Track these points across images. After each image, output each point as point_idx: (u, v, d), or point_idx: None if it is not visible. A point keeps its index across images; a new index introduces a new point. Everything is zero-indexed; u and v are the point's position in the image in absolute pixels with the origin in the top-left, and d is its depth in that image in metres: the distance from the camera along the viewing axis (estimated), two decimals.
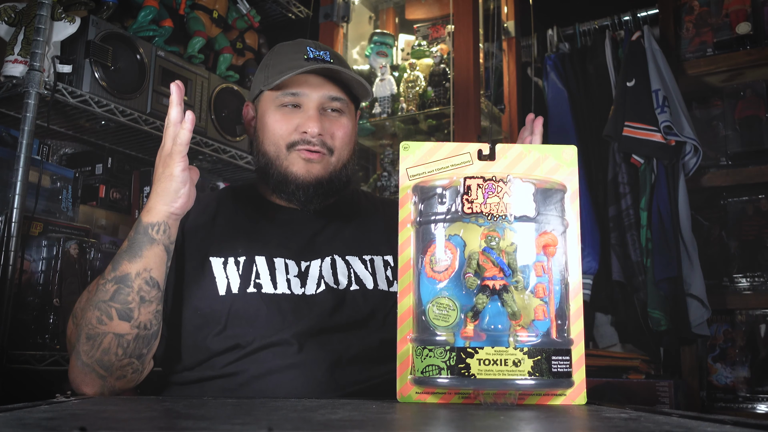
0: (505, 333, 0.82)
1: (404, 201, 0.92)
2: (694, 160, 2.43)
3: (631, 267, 2.44)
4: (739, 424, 0.61)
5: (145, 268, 1.06)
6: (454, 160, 0.93)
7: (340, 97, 1.29)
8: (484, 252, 0.84)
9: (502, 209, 0.84)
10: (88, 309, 1.07)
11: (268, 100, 1.30)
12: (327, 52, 1.29)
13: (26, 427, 0.54)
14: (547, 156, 0.93)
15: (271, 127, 1.28)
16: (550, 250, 0.85)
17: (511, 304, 0.82)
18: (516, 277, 0.83)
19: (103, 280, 1.07)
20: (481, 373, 0.81)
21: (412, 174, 0.93)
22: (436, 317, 0.84)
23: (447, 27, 2.79)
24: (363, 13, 2.99)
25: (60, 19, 1.73)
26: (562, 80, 2.78)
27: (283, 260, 1.25)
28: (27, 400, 0.75)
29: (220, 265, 1.22)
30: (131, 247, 1.07)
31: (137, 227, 1.08)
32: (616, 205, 2.52)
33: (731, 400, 2.47)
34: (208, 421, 0.60)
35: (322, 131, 1.25)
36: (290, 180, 1.26)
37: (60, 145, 2.17)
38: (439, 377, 0.83)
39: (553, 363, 0.83)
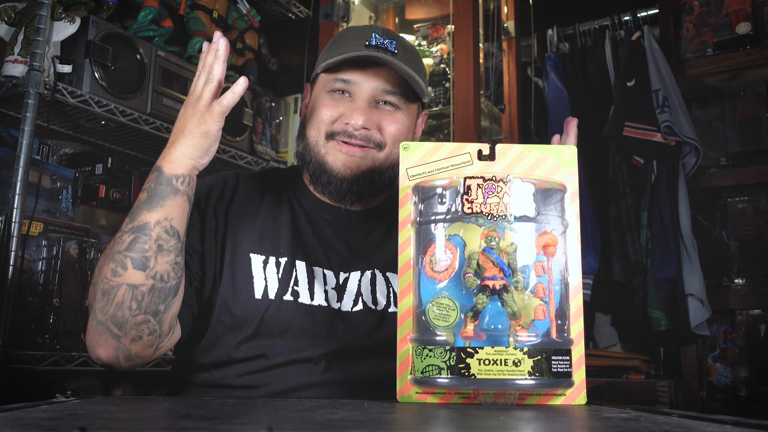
0: (505, 333, 0.82)
1: (404, 201, 0.92)
2: (693, 160, 2.43)
3: (631, 267, 2.44)
4: (739, 424, 0.61)
5: (166, 216, 1.00)
6: (454, 160, 0.93)
7: (396, 91, 1.21)
8: (484, 252, 0.84)
9: (502, 209, 0.84)
10: (104, 264, 1.00)
11: (321, 84, 1.23)
12: (394, 41, 1.20)
13: (26, 427, 0.54)
14: (547, 156, 0.93)
15: (317, 111, 1.21)
16: (550, 250, 0.85)
17: (511, 304, 0.82)
18: (516, 277, 0.83)
19: (120, 233, 1.01)
20: (481, 373, 0.81)
21: (412, 174, 0.93)
22: (436, 317, 0.84)
23: (447, 27, 2.79)
24: (363, 13, 2.99)
25: (60, 19, 1.73)
26: (562, 80, 2.78)
27: (322, 270, 1.19)
28: (27, 400, 0.75)
29: (260, 264, 1.16)
30: (151, 197, 1.01)
31: (158, 178, 1.02)
32: (616, 205, 2.52)
33: (731, 400, 2.47)
34: (208, 421, 0.60)
35: (368, 124, 1.18)
36: (325, 170, 1.19)
37: (60, 145, 2.17)
38: (439, 377, 0.83)
39: (553, 363, 0.83)
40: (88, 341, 1.01)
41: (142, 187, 1.04)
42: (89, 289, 1.07)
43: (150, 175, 1.04)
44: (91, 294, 1.03)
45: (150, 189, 1.02)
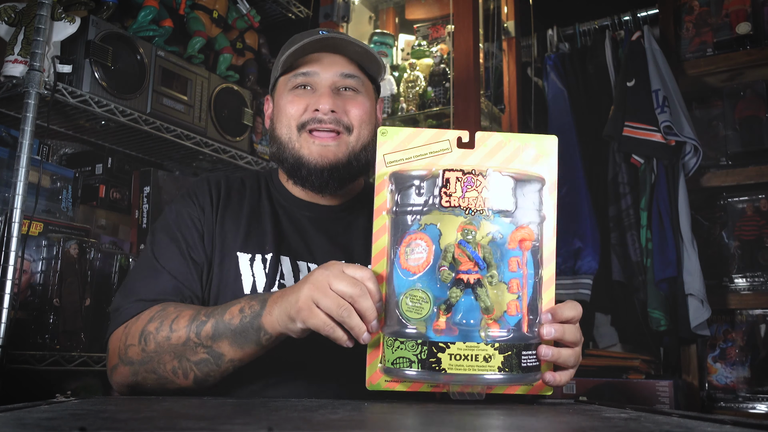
0: (476, 327, 0.81)
1: (380, 188, 0.90)
2: (694, 160, 2.42)
3: (631, 267, 2.44)
4: (739, 424, 0.61)
5: (241, 359, 1.02)
6: (432, 147, 0.91)
7: (354, 74, 1.24)
8: (459, 245, 0.83)
9: (480, 204, 0.83)
10: (168, 353, 1.03)
11: (281, 86, 1.26)
12: (341, 33, 1.26)
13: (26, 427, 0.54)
14: (527, 145, 0.91)
15: (283, 109, 1.24)
16: (525, 244, 0.85)
17: (484, 299, 0.82)
18: (491, 272, 0.82)
19: (196, 337, 1.02)
20: (452, 368, 0.81)
21: (390, 160, 0.91)
22: (408, 309, 0.83)
23: (447, 27, 2.79)
24: (363, 13, 2.99)
25: (60, 19, 1.73)
26: (562, 80, 2.78)
27: (306, 264, 1.22)
28: (27, 400, 0.75)
29: (247, 262, 1.18)
30: (240, 333, 1.00)
31: (253, 319, 0.99)
32: (616, 205, 2.52)
33: (731, 400, 2.47)
34: (208, 421, 0.60)
35: (335, 108, 1.20)
36: (303, 164, 1.21)
37: (60, 145, 2.17)
38: (409, 369, 0.82)
39: (523, 358, 0.83)
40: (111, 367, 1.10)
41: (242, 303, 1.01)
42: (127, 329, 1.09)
43: (254, 301, 1.01)
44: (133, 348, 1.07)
45: (244, 322, 1.00)
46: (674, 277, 2.32)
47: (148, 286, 1.14)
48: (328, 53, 1.24)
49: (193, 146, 2.12)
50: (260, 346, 1.00)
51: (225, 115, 2.23)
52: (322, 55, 1.23)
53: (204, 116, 2.15)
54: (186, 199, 1.25)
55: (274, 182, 1.33)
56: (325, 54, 1.23)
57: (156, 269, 1.16)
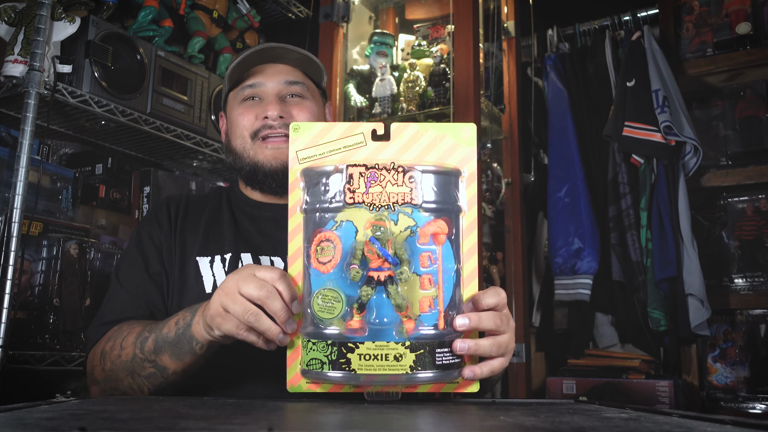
0: (390, 326, 0.80)
1: (293, 186, 0.88)
2: (694, 160, 2.42)
3: (631, 267, 2.44)
4: (739, 424, 0.61)
5: (183, 369, 1.05)
6: (346, 141, 0.88)
7: (298, 80, 1.32)
8: (370, 242, 0.81)
9: (384, 199, 0.82)
10: (121, 370, 1.08)
11: (232, 101, 1.34)
12: (286, 45, 1.31)
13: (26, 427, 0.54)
14: (445, 135, 0.88)
15: (235, 122, 1.31)
16: (439, 238, 0.82)
17: (395, 296, 0.80)
18: (401, 268, 0.80)
19: (141, 354, 1.06)
20: (362, 368, 0.79)
21: (303, 157, 0.89)
22: (320, 309, 0.82)
23: (447, 27, 2.79)
24: (363, 13, 2.99)
25: (60, 19, 1.73)
26: (562, 80, 2.78)
27: (269, 257, 1.24)
28: (27, 400, 0.75)
29: (206, 264, 1.23)
30: (176, 345, 1.03)
31: (185, 330, 1.01)
32: (616, 205, 2.52)
33: (731, 400, 2.46)
34: (208, 421, 0.60)
35: (283, 113, 1.27)
36: (259, 168, 1.28)
37: (60, 145, 2.17)
38: (322, 371, 0.81)
39: (438, 356, 0.80)
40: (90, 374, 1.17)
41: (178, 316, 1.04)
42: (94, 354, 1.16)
43: (187, 312, 1.03)
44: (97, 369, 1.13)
45: (178, 333, 1.03)
46: (674, 277, 2.32)
47: (110, 308, 1.22)
48: (271, 64, 1.32)
49: (193, 146, 2.12)
50: (196, 355, 1.02)
51: None
52: (266, 66, 1.31)
53: (204, 116, 2.15)
54: (146, 220, 1.33)
55: (235, 191, 1.39)
56: (269, 65, 1.31)
57: (116, 292, 1.23)
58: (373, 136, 0.88)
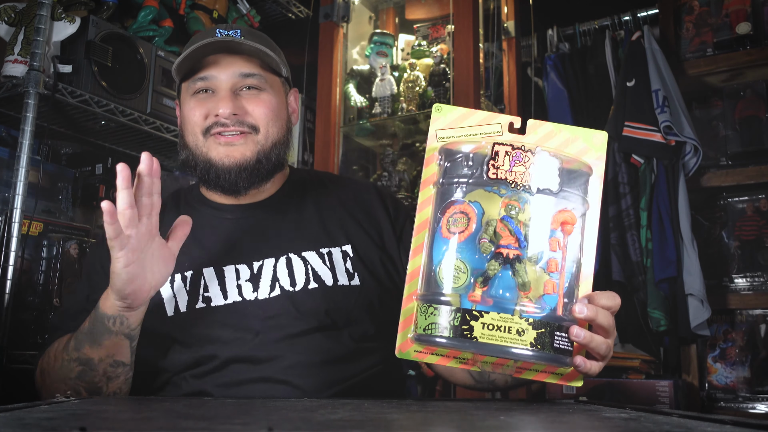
0: (512, 302, 0.81)
1: (429, 161, 0.91)
2: (694, 160, 2.42)
3: (631, 267, 2.44)
4: (739, 424, 0.60)
5: (108, 354, 1.03)
6: (484, 129, 0.91)
7: (254, 72, 1.21)
8: (502, 220, 0.82)
9: (526, 179, 0.83)
10: (55, 381, 1.07)
11: (184, 92, 1.25)
12: (238, 30, 1.21)
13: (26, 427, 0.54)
14: (577, 138, 0.92)
15: (187, 117, 1.22)
16: (567, 227, 0.84)
17: (522, 275, 0.81)
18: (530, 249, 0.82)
19: (67, 356, 1.06)
20: (484, 337, 0.80)
21: (441, 136, 0.92)
22: (446, 277, 0.83)
23: (447, 27, 2.79)
24: (363, 13, 2.99)
25: (60, 19, 1.73)
26: (562, 80, 2.78)
27: (233, 266, 1.19)
28: (27, 400, 0.75)
29: (167, 286, 1.17)
30: (92, 332, 1.03)
31: (95, 312, 1.03)
32: (616, 205, 2.52)
33: (731, 400, 2.46)
34: (208, 421, 0.60)
35: (236, 110, 1.18)
36: (212, 166, 1.19)
37: (60, 145, 2.17)
38: (441, 336, 0.81)
39: (556, 339, 0.81)
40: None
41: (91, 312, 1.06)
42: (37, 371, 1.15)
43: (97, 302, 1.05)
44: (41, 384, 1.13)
45: (91, 320, 1.04)
46: (674, 277, 2.32)
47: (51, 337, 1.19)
48: (225, 54, 1.21)
49: None
50: (112, 332, 1.02)
51: None
52: (220, 57, 1.20)
53: None
54: (95, 246, 1.31)
55: (194, 194, 1.32)
56: (223, 55, 1.21)
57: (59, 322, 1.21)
58: (510, 128, 0.91)
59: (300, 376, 1.11)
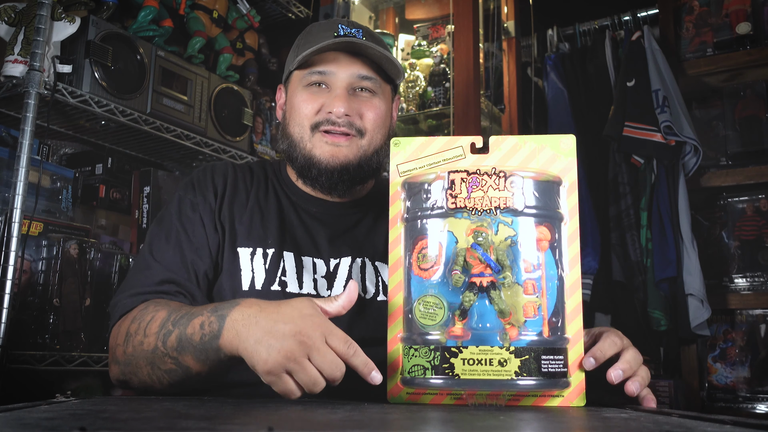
0: (494, 332, 0.79)
1: (395, 198, 0.90)
2: (694, 160, 2.43)
3: (631, 267, 2.44)
4: (739, 424, 0.60)
5: (208, 373, 0.99)
6: (446, 155, 0.90)
7: (371, 76, 1.22)
8: (471, 248, 0.81)
9: (486, 203, 0.82)
10: (142, 358, 1.02)
11: (296, 81, 1.24)
12: (360, 30, 1.21)
13: (26, 427, 0.54)
14: (544, 147, 0.89)
15: (296, 107, 1.21)
16: (542, 244, 0.82)
17: (498, 302, 0.79)
18: (504, 274, 0.80)
19: (163, 347, 0.99)
20: (465, 373, 0.79)
21: (403, 170, 0.91)
22: (422, 316, 0.82)
23: (447, 27, 2.79)
24: (363, 13, 2.99)
25: (60, 19, 1.73)
26: (562, 80, 2.78)
27: (312, 259, 1.20)
28: (27, 400, 0.75)
29: (247, 257, 1.17)
30: (201, 350, 0.95)
31: (212, 340, 0.92)
32: (616, 205, 2.52)
33: (731, 400, 2.47)
34: (208, 421, 0.60)
35: (349, 111, 1.18)
36: (314, 164, 1.19)
37: (60, 145, 2.17)
38: (424, 377, 0.81)
39: (543, 363, 0.79)
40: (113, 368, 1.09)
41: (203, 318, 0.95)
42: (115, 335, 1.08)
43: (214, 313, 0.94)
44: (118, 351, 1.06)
45: (204, 340, 0.94)
46: (674, 277, 2.32)
47: (140, 280, 1.13)
48: (347, 53, 1.21)
49: (193, 146, 2.12)
50: (224, 363, 0.96)
51: (225, 115, 2.23)
52: (340, 55, 1.21)
53: (204, 116, 2.15)
54: (189, 189, 1.23)
55: (282, 176, 1.31)
56: (343, 53, 1.21)
57: (148, 263, 1.14)
58: (472, 149, 0.90)
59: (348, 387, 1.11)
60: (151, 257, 1.15)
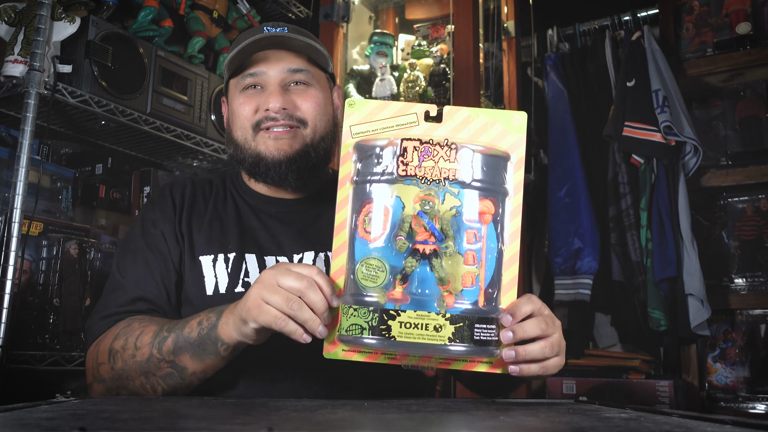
0: (432, 298, 0.82)
1: (345, 159, 0.91)
2: (694, 160, 2.42)
3: (631, 267, 2.44)
4: (739, 424, 0.61)
5: (203, 370, 1.04)
6: (399, 120, 0.91)
7: (303, 68, 1.23)
8: (417, 215, 0.83)
9: (436, 173, 0.84)
10: (135, 370, 1.05)
11: (232, 88, 1.26)
12: (285, 27, 1.23)
13: (26, 427, 0.54)
14: (495, 121, 0.91)
15: (236, 112, 1.24)
16: (485, 217, 0.85)
17: (438, 270, 0.82)
18: (446, 243, 0.83)
19: (158, 353, 1.04)
20: (401, 335, 0.81)
21: (356, 132, 0.92)
22: (364, 277, 0.84)
23: (447, 27, 2.79)
24: (363, 13, 2.99)
25: (60, 19, 1.73)
26: (562, 80, 2.78)
27: (275, 257, 1.21)
28: (27, 400, 0.75)
29: (209, 264, 1.20)
30: (199, 346, 1.02)
31: (210, 331, 1.01)
32: (616, 205, 2.52)
33: (731, 400, 2.46)
34: (208, 421, 0.60)
35: (286, 105, 1.20)
36: (261, 160, 1.21)
37: (60, 145, 2.17)
38: (361, 337, 0.83)
39: (476, 331, 0.82)
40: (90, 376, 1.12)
41: (200, 316, 1.03)
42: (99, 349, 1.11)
43: (212, 313, 1.03)
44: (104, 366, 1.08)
45: (201, 334, 1.02)
46: (674, 277, 2.32)
47: (111, 301, 1.17)
48: (274, 50, 1.23)
49: (193, 146, 2.12)
50: (219, 356, 1.02)
51: None
52: (268, 53, 1.22)
53: (204, 116, 2.15)
54: (149, 207, 1.28)
55: (239, 182, 1.34)
56: (272, 51, 1.23)
57: (118, 284, 1.19)
58: (425, 117, 0.91)
59: (319, 382, 1.13)
60: (120, 277, 1.19)
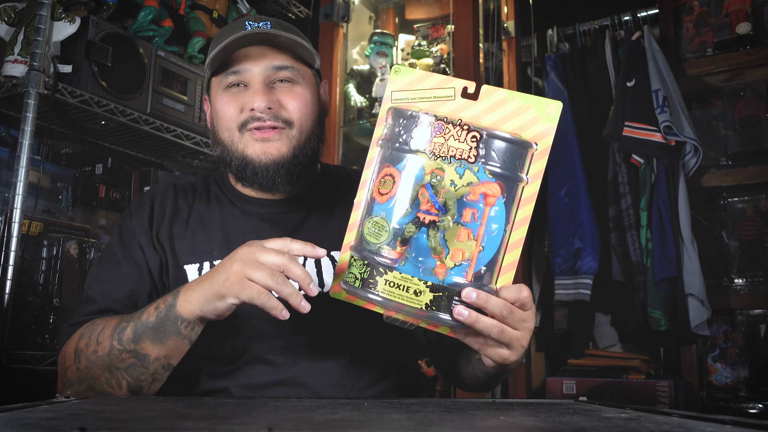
0: (423, 265, 0.86)
1: (380, 121, 0.94)
2: (694, 160, 2.43)
3: (631, 267, 2.44)
4: (739, 424, 0.60)
5: (166, 355, 1.02)
6: (437, 92, 0.93)
7: (288, 65, 1.18)
8: (425, 187, 0.87)
9: (444, 151, 0.87)
10: (98, 366, 1.03)
11: (215, 87, 1.21)
12: (268, 22, 1.18)
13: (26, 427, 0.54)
14: (530, 107, 0.91)
15: (220, 112, 1.19)
16: (489, 200, 0.87)
17: (432, 240, 0.86)
18: (445, 217, 0.86)
19: (119, 345, 1.02)
20: (384, 292, 0.87)
21: (396, 98, 0.94)
22: (369, 233, 0.89)
23: (447, 27, 2.79)
24: (363, 13, 2.99)
25: (60, 19, 1.73)
26: (562, 80, 2.78)
27: None
28: (27, 400, 0.75)
29: (195, 272, 1.17)
30: (158, 329, 1.01)
31: (168, 311, 1.01)
32: (616, 205, 2.52)
33: (731, 400, 2.47)
34: (208, 421, 0.60)
35: (271, 104, 1.15)
36: (248, 163, 1.16)
37: (60, 145, 2.17)
38: (353, 286, 0.89)
39: (454, 304, 0.86)
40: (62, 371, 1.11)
41: (157, 302, 1.03)
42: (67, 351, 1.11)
43: (168, 295, 1.03)
44: (71, 369, 1.08)
45: (160, 316, 1.01)
46: (674, 277, 2.32)
47: (80, 311, 1.16)
48: (257, 46, 1.18)
49: (193, 146, 2.12)
50: (180, 335, 1.01)
51: None
52: (252, 49, 1.17)
53: (204, 116, 2.15)
54: (126, 217, 1.25)
55: (225, 183, 1.30)
56: (255, 47, 1.17)
57: (88, 296, 1.17)
58: (463, 93, 0.93)
59: (318, 382, 1.13)
60: (91, 289, 1.18)
